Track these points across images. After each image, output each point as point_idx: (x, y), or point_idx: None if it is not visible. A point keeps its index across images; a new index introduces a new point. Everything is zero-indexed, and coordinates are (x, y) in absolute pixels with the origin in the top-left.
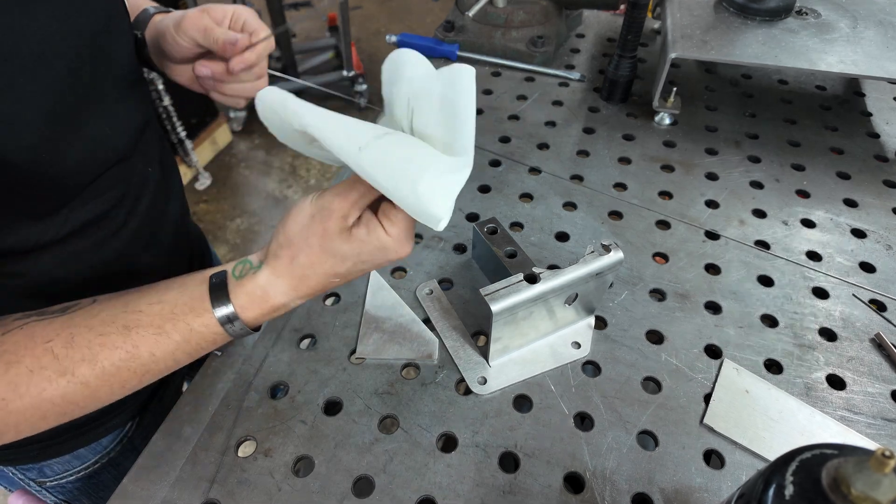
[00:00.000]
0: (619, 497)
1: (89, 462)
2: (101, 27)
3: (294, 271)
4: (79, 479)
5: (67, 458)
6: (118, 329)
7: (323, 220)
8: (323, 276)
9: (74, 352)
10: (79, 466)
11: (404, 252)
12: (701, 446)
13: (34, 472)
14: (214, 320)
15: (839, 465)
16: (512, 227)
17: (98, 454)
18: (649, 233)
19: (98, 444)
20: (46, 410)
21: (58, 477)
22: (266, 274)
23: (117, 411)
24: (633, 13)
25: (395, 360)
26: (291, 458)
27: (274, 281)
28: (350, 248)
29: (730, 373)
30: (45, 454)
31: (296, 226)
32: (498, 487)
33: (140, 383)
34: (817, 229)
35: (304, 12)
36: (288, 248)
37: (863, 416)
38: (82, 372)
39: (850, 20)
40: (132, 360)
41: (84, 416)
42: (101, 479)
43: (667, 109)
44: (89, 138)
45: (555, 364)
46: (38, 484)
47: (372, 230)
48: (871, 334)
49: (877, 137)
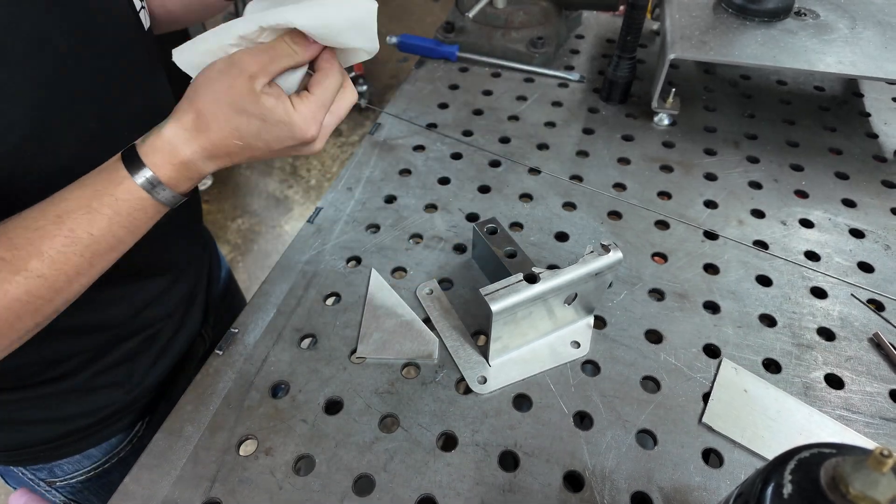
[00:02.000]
0: (619, 496)
1: (99, 462)
2: (97, 21)
3: (197, 121)
4: (88, 478)
5: (78, 458)
6: (51, 220)
7: (230, 76)
8: (226, 129)
9: (19, 251)
10: (89, 466)
11: (310, 133)
12: (700, 445)
13: (45, 472)
14: (135, 185)
15: (837, 464)
16: (512, 227)
17: (108, 454)
18: (648, 233)
19: (108, 443)
20: (18, 310)
21: (68, 477)
22: (170, 126)
23: (128, 411)
24: (633, 14)
25: (396, 359)
26: (292, 457)
27: (178, 132)
28: (254, 109)
29: (728, 372)
30: (56, 454)
31: (203, 79)
32: (498, 486)
33: (92, 267)
34: (816, 229)
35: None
36: (192, 100)
37: (861, 415)
38: (33, 266)
39: (849, 21)
40: (74, 244)
41: (94, 417)
42: (111, 478)
43: (666, 110)
44: (81, 138)
45: (554, 363)
46: (48, 484)
47: (280, 101)
48: (869, 334)
49: (875, 138)
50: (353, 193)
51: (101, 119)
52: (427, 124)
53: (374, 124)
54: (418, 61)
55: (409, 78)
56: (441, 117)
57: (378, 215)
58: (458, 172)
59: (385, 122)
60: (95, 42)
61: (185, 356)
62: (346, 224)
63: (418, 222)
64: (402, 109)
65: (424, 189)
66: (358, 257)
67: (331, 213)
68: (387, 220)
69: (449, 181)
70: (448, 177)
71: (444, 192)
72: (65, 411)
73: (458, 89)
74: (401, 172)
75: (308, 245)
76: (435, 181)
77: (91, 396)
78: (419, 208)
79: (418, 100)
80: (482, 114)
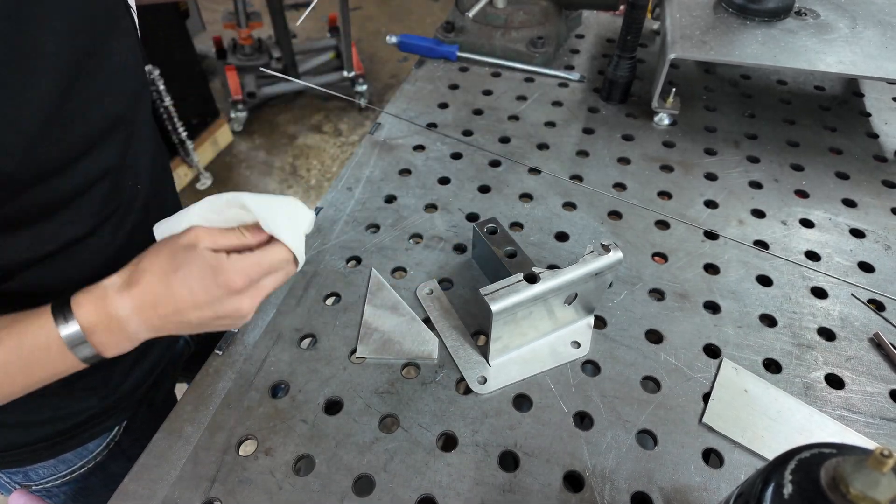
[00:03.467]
0: (619, 496)
1: (76, 466)
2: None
3: (132, 275)
4: (65, 482)
5: (53, 463)
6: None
7: (180, 238)
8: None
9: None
10: (65, 471)
11: (236, 283)
12: (700, 445)
13: (20, 475)
14: (51, 322)
15: (838, 465)
16: (512, 227)
17: (84, 458)
18: (648, 233)
19: (84, 448)
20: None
21: (43, 481)
22: (109, 278)
23: (105, 416)
24: (633, 14)
25: (396, 359)
26: (292, 457)
27: (114, 281)
28: (188, 257)
29: (729, 372)
30: (32, 458)
31: (156, 243)
32: (498, 486)
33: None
34: (816, 229)
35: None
36: (139, 259)
37: (861, 415)
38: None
39: (849, 20)
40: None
41: (70, 422)
42: (89, 483)
43: (666, 110)
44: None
45: (554, 363)
46: (25, 487)
47: (217, 253)
48: (869, 334)
49: (875, 137)
50: (353, 193)
51: (90, 127)
52: (427, 124)
53: (374, 124)
54: (418, 61)
55: (409, 78)
56: (441, 117)
57: (378, 215)
58: (458, 172)
59: (385, 121)
60: (96, 48)
61: (168, 361)
62: (346, 224)
63: (418, 222)
64: (402, 109)
65: (424, 189)
66: (358, 257)
67: (331, 213)
68: (387, 220)
69: (449, 181)
70: (448, 177)
71: (444, 192)
72: (40, 415)
73: (458, 89)
74: (401, 172)
75: (308, 245)
76: (435, 181)
77: (66, 402)
78: (419, 208)
79: (418, 100)
80: (482, 114)
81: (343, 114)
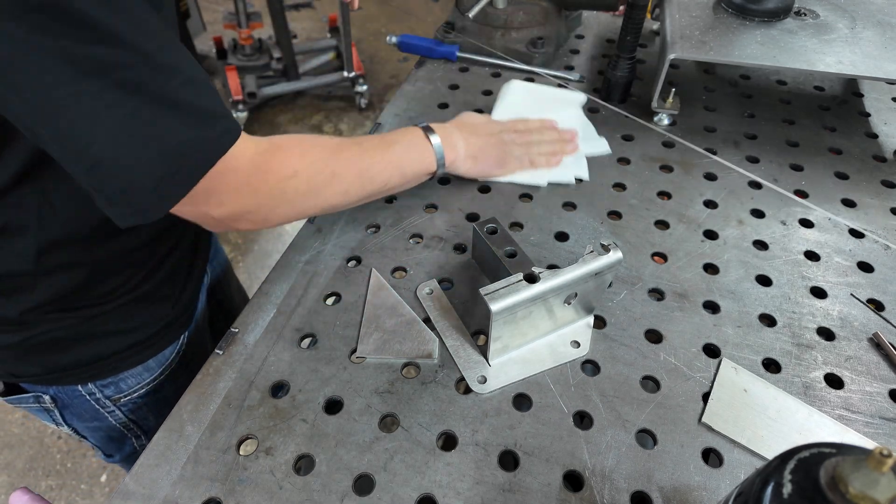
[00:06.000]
0: (618, 495)
1: (156, 374)
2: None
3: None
4: (147, 392)
5: (139, 370)
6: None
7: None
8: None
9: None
10: (148, 379)
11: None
12: (699, 445)
13: (111, 388)
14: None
15: (837, 464)
16: (512, 227)
17: (163, 365)
18: (648, 232)
19: (161, 355)
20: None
21: (131, 391)
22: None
23: (176, 324)
24: (633, 14)
25: (396, 359)
26: (292, 457)
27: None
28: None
29: (728, 372)
30: (124, 365)
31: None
32: (497, 486)
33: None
34: (815, 229)
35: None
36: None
37: (861, 415)
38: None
39: (849, 21)
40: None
41: (151, 329)
42: (164, 393)
43: (666, 110)
44: None
45: (554, 363)
46: (113, 402)
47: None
48: (868, 334)
49: (875, 138)
50: None
51: None
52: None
53: (374, 124)
54: (418, 61)
55: (409, 78)
56: (441, 117)
57: (378, 215)
58: None
59: (385, 121)
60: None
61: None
62: (346, 224)
63: (418, 222)
64: (402, 109)
65: (424, 189)
66: (358, 257)
67: (331, 213)
68: (387, 219)
69: (449, 181)
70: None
71: (444, 192)
72: (131, 323)
73: (458, 89)
74: None
75: (308, 245)
76: (435, 181)
77: (150, 309)
78: (419, 208)
79: (418, 100)
80: (482, 113)
81: (343, 114)
